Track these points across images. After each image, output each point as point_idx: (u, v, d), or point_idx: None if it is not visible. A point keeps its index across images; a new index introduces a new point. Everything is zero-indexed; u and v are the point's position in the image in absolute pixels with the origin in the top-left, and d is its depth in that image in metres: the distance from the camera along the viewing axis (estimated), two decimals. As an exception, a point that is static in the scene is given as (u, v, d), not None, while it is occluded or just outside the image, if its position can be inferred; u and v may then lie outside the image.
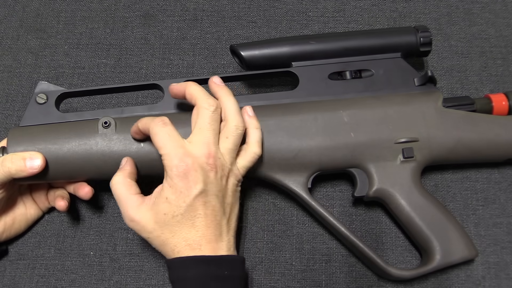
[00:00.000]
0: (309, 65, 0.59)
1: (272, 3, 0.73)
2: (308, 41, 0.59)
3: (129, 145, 0.54)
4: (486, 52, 0.70)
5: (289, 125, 0.56)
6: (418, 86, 0.59)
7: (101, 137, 0.54)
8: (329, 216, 0.56)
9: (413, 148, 0.56)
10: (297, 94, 0.59)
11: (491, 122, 0.58)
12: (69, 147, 0.54)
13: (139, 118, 0.53)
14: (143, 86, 0.59)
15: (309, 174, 0.57)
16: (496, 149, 0.58)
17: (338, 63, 0.59)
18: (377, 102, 0.58)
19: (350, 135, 0.56)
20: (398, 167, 0.57)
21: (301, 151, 0.56)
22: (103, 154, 0.54)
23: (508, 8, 0.72)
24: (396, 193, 0.56)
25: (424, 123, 0.57)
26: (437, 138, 0.57)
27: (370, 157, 0.56)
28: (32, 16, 0.74)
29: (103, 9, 0.74)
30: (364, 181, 0.57)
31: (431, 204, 0.56)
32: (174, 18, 0.73)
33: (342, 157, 0.56)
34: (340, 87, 0.59)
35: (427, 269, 0.55)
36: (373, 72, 0.60)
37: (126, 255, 0.61)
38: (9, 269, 0.60)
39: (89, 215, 0.62)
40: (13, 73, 0.70)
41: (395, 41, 0.60)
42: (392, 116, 0.57)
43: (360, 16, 0.72)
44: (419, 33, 0.59)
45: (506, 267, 0.59)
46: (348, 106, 0.57)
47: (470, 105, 0.60)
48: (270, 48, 0.59)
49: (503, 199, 0.62)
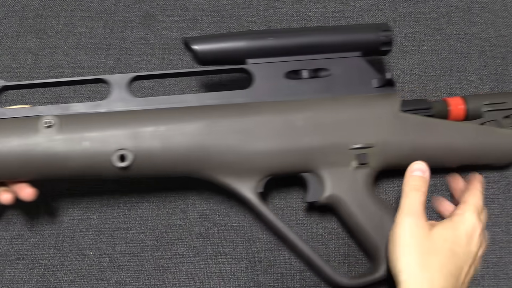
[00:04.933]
0: (265, 62, 0.56)
1: (272, 3, 0.73)
2: (266, 36, 0.56)
3: (74, 146, 0.52)
4: (486, 51, 0.70)
5: (241, 127, 0.54)
6: (377, 88, 0.57)
7: (43, 138, 0.51)
8: (278, 222, 0.55)
9: (368, 154, 0.55)
10: (251, 93, 0.56)
11: (447, 128, 0.57)
12: (8, 147, 0.51)
13: (84, 115, 0.52)
14: (88, 80, 0.56)
15: (260, 178, 0.55)
16: (452, 155, 0.57)
17: (296, 61, 0.57)
18: (333, 105, 0.56)
19: (303, 139, 0.54)
20: (352, 173, 0.55)
21: (252, 154, 0.54)
22: (45, 155, 0.52)
23: (507, 8, 0.72)
24: (347, 200, 0.55)
25: (380, 128, 0.55)
26: (392, 144, 0.55)
27: (323, 162, 0.55)
28: (31, 16, 0.74)
29: (103, 9, 0.74)
30: (317, 187, 0.56)
31: (382, 211, 0.55)
32: (174, 18, 0.73)
33: (294, 161, 0.55)
34: (297, 86, 0.56)
35: (374, 278, 0.54)
36: (331, 71, 0.57)
37: (126, 255, 0.61)
38: (8, 269, 0.60)
39: (89, 215, 0.62)
40: (13, 73, 0.70)
41: (355, 39, 0.57)
42: (348, 120, 0.55)
43: (360, 16, 0.72)
44: (380, 31, 0.57)
45: (505, 266, 0.59)
46: (303, 109, 0.55)
47: (428, 109, 0.58)
48: (224, 43, 0.55)
49: (502, 199, 0.62)
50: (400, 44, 0.70)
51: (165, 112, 0.54)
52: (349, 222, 0.56)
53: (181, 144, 0.53)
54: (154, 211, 0.62)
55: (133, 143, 0.52)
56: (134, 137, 0.52)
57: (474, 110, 0.59)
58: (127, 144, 0.52)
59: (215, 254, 0.60)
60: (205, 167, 0.54)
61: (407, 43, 0.70)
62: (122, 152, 0.52)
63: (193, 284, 0.59)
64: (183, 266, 0.60)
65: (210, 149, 0.53)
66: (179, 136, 0.53)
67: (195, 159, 0.53)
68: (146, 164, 0.53)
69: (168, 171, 0.54)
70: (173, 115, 0.54)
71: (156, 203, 0.63)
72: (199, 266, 0.60)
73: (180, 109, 0.55)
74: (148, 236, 0.61)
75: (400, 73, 0.68)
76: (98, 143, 0.52)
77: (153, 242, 0.61)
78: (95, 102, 0.55)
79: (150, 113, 0.54)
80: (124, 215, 0.62)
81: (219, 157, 0.53)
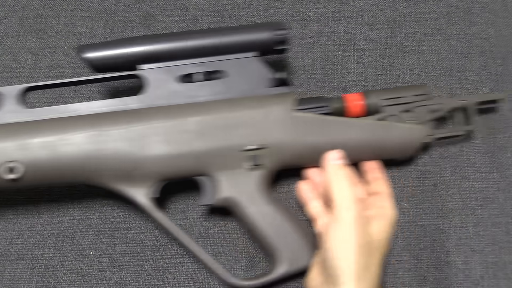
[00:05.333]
0: (157, 67, 0.56)
1: (272, 3, 0.73)
2: (156, 41, 0.56)
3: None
4: (486, 52, 0.69)
5: (131, 134, 0.54)
6: (272, 88, 0.58)
7: None
8: (173, 227, 0.56)
9: (262, 155, 0.55)
10: (144, 98, 0.56)
11: (342, 125, 0.57)
12: None
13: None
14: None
15: (153, 184, 0.55)
16: (350, 151, 0.57)
17: (188, 64, 0.57)
18: (225, 107, 0.56)
19: (194, 143, 0.54)
20: (246, 175, 0.56)
21: (142, 161, 0.54)
22: None
23: (508, 8, 0.72)
24: (242, 201, 0.55)
25: (274, 128, 0.55)
26: (287, 144, 0.55)
27: (216, 165, 0.55)
28: (32, 16, 0.74)
29: (103, 9, 0.74)
30: (211, 190, 0.56)
31: (278, 212, 0.56)
32: (174, 18, 0.73)
33: (187, 165, 0.55)
34: (191, 90, 0.57)
35: (270, 278, 0.55)
36: (226, 73, 0.57)
37: (126, 255, 0.61)
38: (9, 269, 0.60)
39: (89, 215, 0.62)
40: (13, 73, 0.70)
41: (249, 40, 0.57)
42: (241, 121, 0.55)
43: (360, 16, 0.72)
44: (274, 30, 0.57)
45: (504, 266, 0.59)
46: (194, 112, 0.55)
47: (325, 107, 0.58)
48: (115, 49, 0.56)
49: (502, 199, 0.62)
50: (400, 44, 0.70)
51: (54, 122, 0.55)
52: (246, 224, 0.57)
53: (70, 154, 0.53)
54: (154, 211, 0.62)
55: (22, 154, 0.53)
56: (23, 148, 0.53)
57: (373, 105, 0.59)
58: (15, 156, 0.53)
59: (215, 254, 0.60)
60: (96, 175, 0.55)
61: (407, 43, 0.70)
62: (10, 164, 0.53)
63: (193, 284, 0.59)
64: (183, 266, 0.60)
65: (99, 157, 0.54)
66: (67, 146, 0.53)
67: (85, 167, 0.54)
68: (37, 175, 0.54)
69: (61, 180, 0.55)
70: (62, 125, 0.54)
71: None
72: (200, 266, 0.60)
73: (70, 118, 0.55)
74: (148, 236, 0.61)
75: (400, 73, 0.68)
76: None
77: (153, 242, 0.61)
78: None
79: (40, 123, 0.55)
80: (124, 215, 0.62)
81: (109, 165, 0.54)
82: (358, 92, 0.61)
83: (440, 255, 0.60)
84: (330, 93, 0.67)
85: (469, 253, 0.60)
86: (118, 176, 0.55)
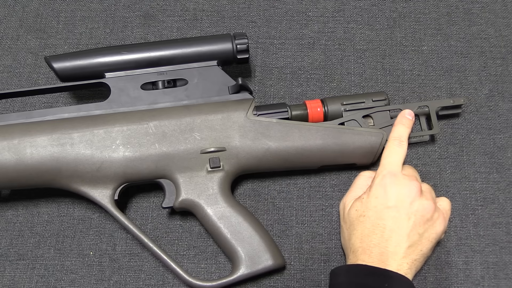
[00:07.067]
0: (122, 75, 0.59)
1: (272, 3, 0.73)
2: (120, 51, 0.59)
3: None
4: (486, 52, 0.70)
5: (93, 137, 0.56)
6: (233, 94, 0.59)
7: None
8: (134, 228, 0.56)
9: (220, 158, 0.57)
10: (108, 105, 0.58)
11: (300, 129, 0.58)
12: None
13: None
14: None
15: (115, 186, 0.57)
16: (308, 156, 0.58)
17: (151, 73, 0.59)
18: (185, 112, 0.58)
19: (154, 146, 0.56)
20: (205, 177, 0.57)
21: (104, 163, 0.56)
22: None
23: (507, 8, 0.72)
24: (202, 203, 0.56)
25: (232, 132, 0.57)
26: (245, 147, 0.57)
27: (176, 167, 0.57)
28: (32, 16, 0.74)
29: (103, 9, 0.74)
30: (172, 192, 0.57)
31: (237, 214, 0.56)
32: (174, 18, 0.73)
33: (147, 168, 0.56)
34: (153, 97, 0.59)
35: (230, 280, 0.55)
36: (187, 81, 0.60)
37: (126, 255, 0.61)
38: (9, 269, 0.60)
39: (89, 215, 0.62)
40: (13, 73, 0.70)
41: (210, 49, 0.60)
42: (200, 125, 0.57)
43: (360, 16, 0.72)
44: (235, 40, 0.59)
45: (505, 267, 0.59)
46: (155, 117, 0.57)
47: (284, 112, 0.60)
48: (82, 60, 0.58)
49: (502, 199, 0.62)
50: (400, 44, 0.70)
51: (19, 126, 0.56)
52: (206, 226, 0.57)
53: (32, 156, 0.55)
54: (154, 211, 0.62)
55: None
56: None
57: (333, 111, 0.60)
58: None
59: (215, 254, 0.60)
60: (58, 178, 0.56)
61: (407, 43, 0.70)
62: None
63: (193, 284, 0.59)
64: (183, 266, 0.60)
65: (60, 160, 0.55)
66: (30, 148, 0.55)
67: (47, 170, 0.56)
68: (2, 178, 0.55)
69: (25, 182, 0.56)
70: (26, 129, 0.56)
71: (156, 203, 0.63)
72: (200, 266, 0.60)
73: (34, 123, 0.57)
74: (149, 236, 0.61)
75: (400, 73, 0.68)
76: None
77: (153, 242, 0.61)
78: None
79: (4, 128, 0.56)
80: (124, 215, 0.62)
81: (71, 168, 0.56)
82: (317, 99, 0.62)
83: (441, 255, 0.60)
84: (330, 93, 0.67)
85: (469, 253, 0.60)
86: (80, 179, 0.56)
